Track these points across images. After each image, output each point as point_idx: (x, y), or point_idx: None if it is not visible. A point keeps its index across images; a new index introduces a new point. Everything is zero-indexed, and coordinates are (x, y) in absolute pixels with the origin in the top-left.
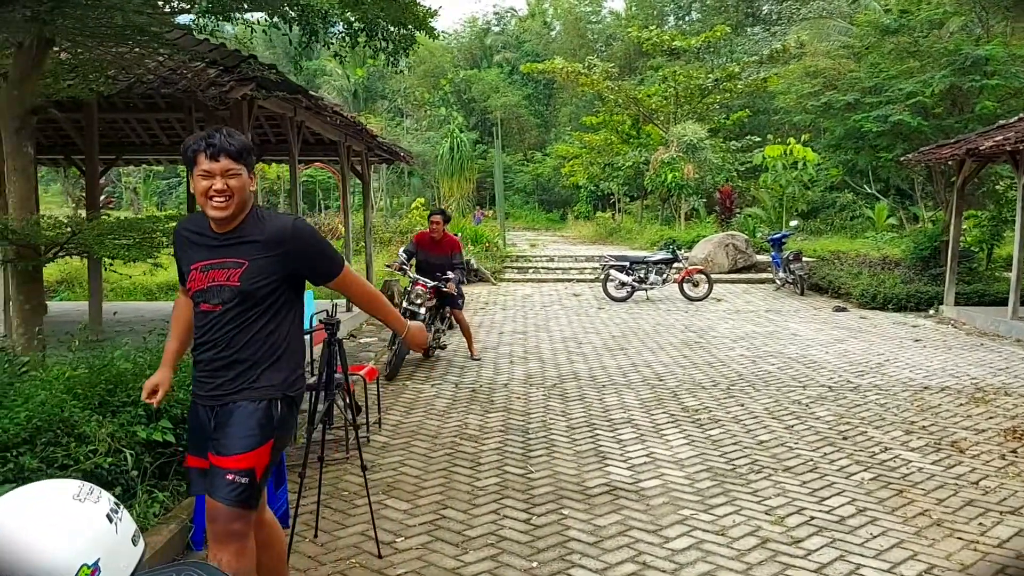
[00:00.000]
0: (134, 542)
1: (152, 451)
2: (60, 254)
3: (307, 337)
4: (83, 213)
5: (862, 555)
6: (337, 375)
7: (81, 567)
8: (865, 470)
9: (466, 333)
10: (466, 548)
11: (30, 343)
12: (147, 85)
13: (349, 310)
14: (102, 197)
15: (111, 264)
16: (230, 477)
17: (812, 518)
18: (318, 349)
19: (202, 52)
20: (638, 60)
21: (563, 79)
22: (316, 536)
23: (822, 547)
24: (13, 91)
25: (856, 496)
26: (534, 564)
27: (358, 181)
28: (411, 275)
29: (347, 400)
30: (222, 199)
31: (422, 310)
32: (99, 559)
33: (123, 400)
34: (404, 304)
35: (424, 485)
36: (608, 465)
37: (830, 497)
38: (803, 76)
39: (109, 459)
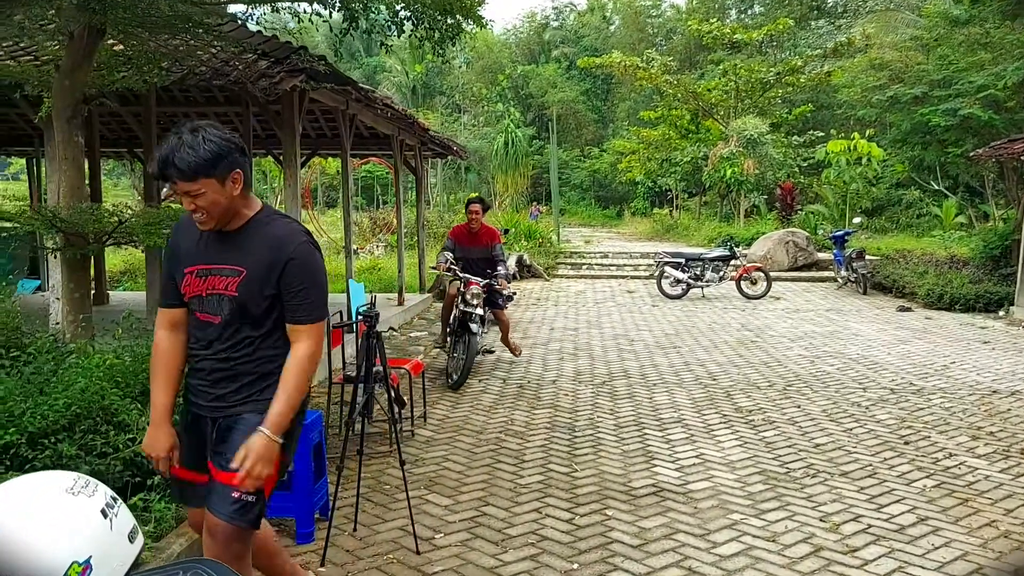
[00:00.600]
0: (131, 538)
1: None
2: (107, 243)
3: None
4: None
5: (923, 567)
6: (380, 368)
7: (71, 565)
8: (927, 477)
9: (504, 331)
10: (505, 547)
11: (78, 331)
12: (199, 77)
13: (400, 304)
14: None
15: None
16: (236, 495)
17: (869, 526)
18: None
19: (254, 44)
20: (698, 54)
21: (621, 73)
22: (355, 530)
23: (879, 557)
24: (64, 80)
25: (917, 504)
26: (574, 566)
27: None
28: (461, 275)
29: (390, 394)
30: (200, 215)
31: (479, 310)
32: (91, 556)
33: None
34: (460, 307)
35: (466, 481)
36: (656, 465)
37: (889, 504)
38: (869, 69)
39: None
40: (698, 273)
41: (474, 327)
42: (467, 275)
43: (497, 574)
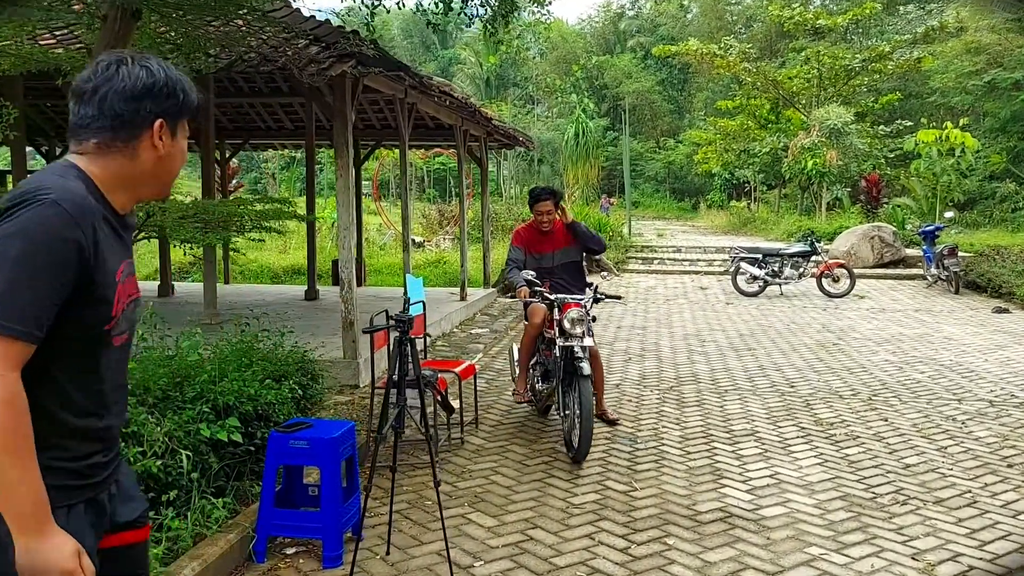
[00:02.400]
0: None
1: (218, 452)
2: (140, 236)
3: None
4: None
5: None
6: (427, 372)
7: None
8: None
9: (598, 378)
10: None
11: None
12: (247, 63)
13: (463, 299)
14: (233, 182)
15: (237, 247)
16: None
17: (971, 568)
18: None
19: (306, 29)
20: (779, 42)
21: (697, 62)
22: (388, 553)
23: None
24: None
25: None
26: None
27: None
28: (552, 296)
29: (423, 404)
30: None
31: (589, 340)
32: None
33: (190, 395)
34: (560, 341)
35: (514, 498)
36: (724, 486)
37: (993, 541)
38: (963, 54)
39: (160, 461)
40: (776, 269)
41: (585, 367)
42: (561, 295)
43: None
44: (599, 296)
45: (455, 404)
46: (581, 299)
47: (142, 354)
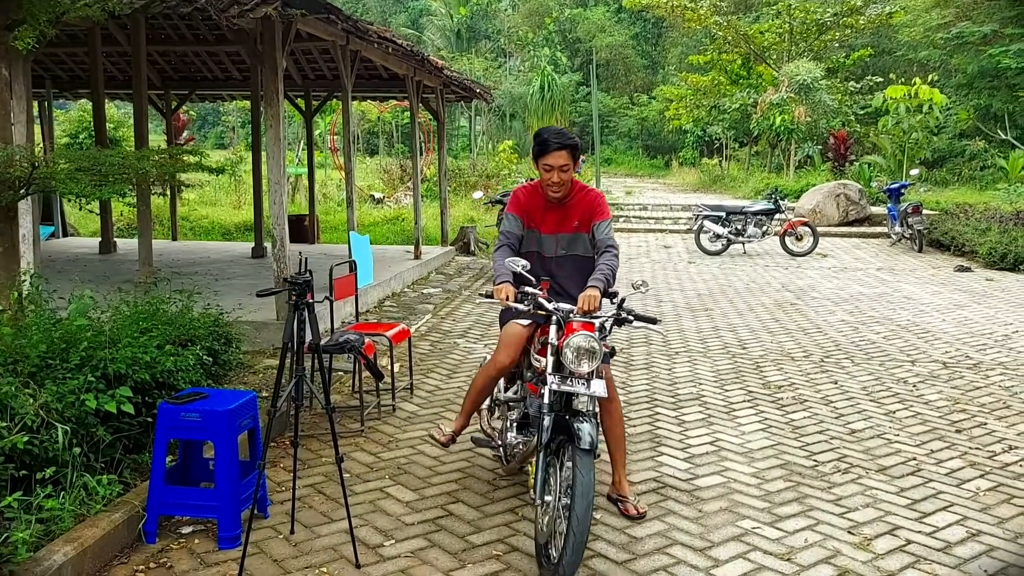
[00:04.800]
0: None
1: (110, 424)
2: (28, 191)
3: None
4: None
5: None
6: (353, 336)
7: None
8: (982, 476)
9: (615, 445)
10: (464, 560)
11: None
12: (164, 4)
13: (417, 257)
14: (184, 134)
15: (182, 197)
16: None
17: (908, 542)
18: (339, 305)
19: None
20: None
21: (668, 15)
22: (292, 532)
23: None
24: None
25: (969, 513)
26: None
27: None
28: (549, 307)
29: (363, 363)
30: None
31: (599, 385)
32: None
33: (75, 363)
34: (551, 382)
35: (440, 470)
36: (662, 455)
37: (935, 513)
38: (932, 8)
39: (28, 436)
40: (739, 228)
41: (585, 432)
42: (562, 305)
43: None
44: (626, 315)
45: (385, 370)
46: (598, 318)
47: (27, 319)
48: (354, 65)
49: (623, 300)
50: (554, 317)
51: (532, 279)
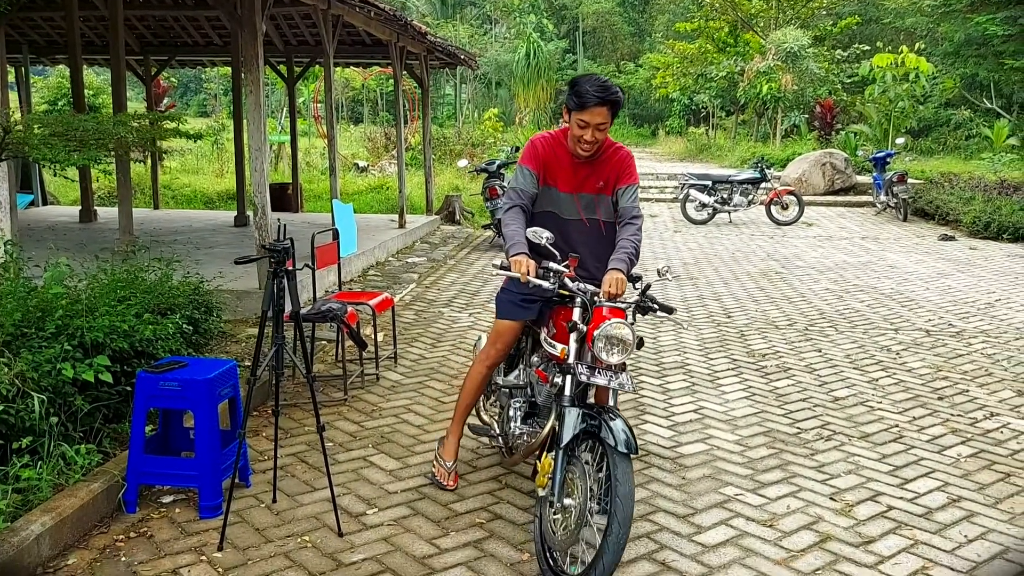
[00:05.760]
0: None
1: (88, 393)
2: (2, 156)
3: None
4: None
5: (951, 567)
6: (335, 304)
7: None
8: (963, 443)
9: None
10: (447, 528)
11: None
12: None
13: (401, 227)
14: (165, 101)
15: (163, 165)
16: None
17: (890, 508)
18: (323, 274)
19: None
20: None
21: None
22: (274, 501)
23: (898, 553)
24: None
25: (950, 479)
26: (524, 556)
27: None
28: (572, 285)
29: (350, 332)
30: None
31: (626, 379)
32: None
33: (51, 332)
34: (580, 371)
35: (423, 439)
36: (646, 423)
37: (916, 479)
38: None
39: (2, 406)
40: (725, 197)
41: (620, 431)
42: (582, 284)
43: (427, 567)
44: (648, 303)
45: (368, 339)
46: (627, 304)
47: (1, 287)
48: (336, 30)
49: (648, 287)
50: (578, 299)
51: (556, 253)
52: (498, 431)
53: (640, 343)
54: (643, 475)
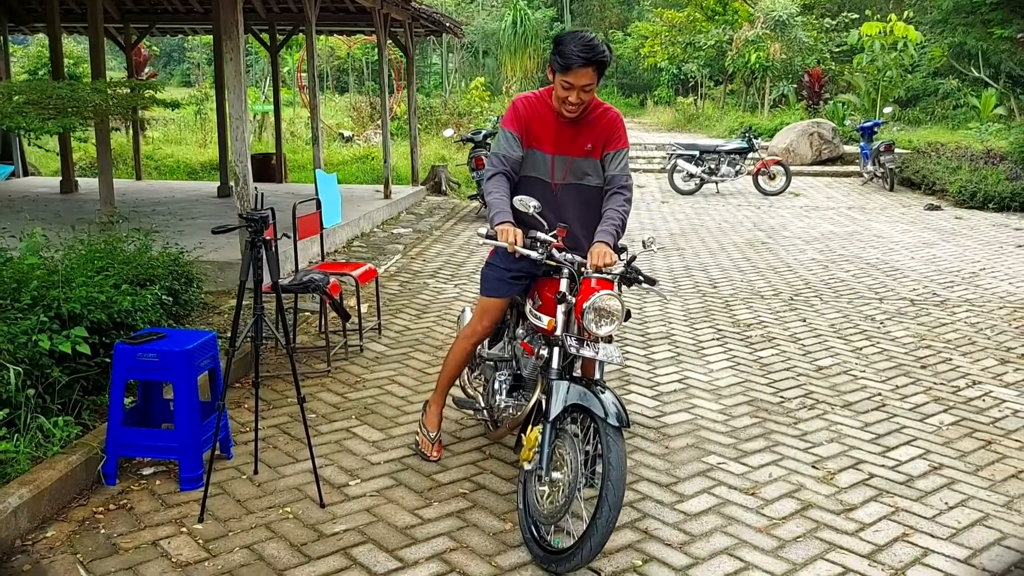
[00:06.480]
0: None
1: (66, 365)
2: None
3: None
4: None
5: (932, 534)
6: (317, 275)
7: None
8: (945, 411)
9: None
10: (430, 499)
11: None
12: None
13: (387, 197)
14: (147, 70)
15: (146, 136)
16: None
17: (871, 476)
18: (306, 245)
19: None
20: None
21: None
22: (256, 472)
23: (879, 520)
24: None
25: (931, 447)
26: (507, 526)
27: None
28: (559, 256)
29: (332, 303)
30: None
31: (615, 351)
32: None
33: (26, 303)
34: (569, 344)
35: (407, 409)
36: (631, 393)
37: (897, 447)
38: None
39: None
40: (713, 167)
41: (610, 404)
42: (569, 255)
43: (410, 537)
44: (634, 274)
45: (352, 310)
46: (612, 273)
47: None
48: None
49: (633, 258)
50: (566, 271)
51: (543, 222)
52: (483, 404)
53: (627, 315)
54: (627, 444)
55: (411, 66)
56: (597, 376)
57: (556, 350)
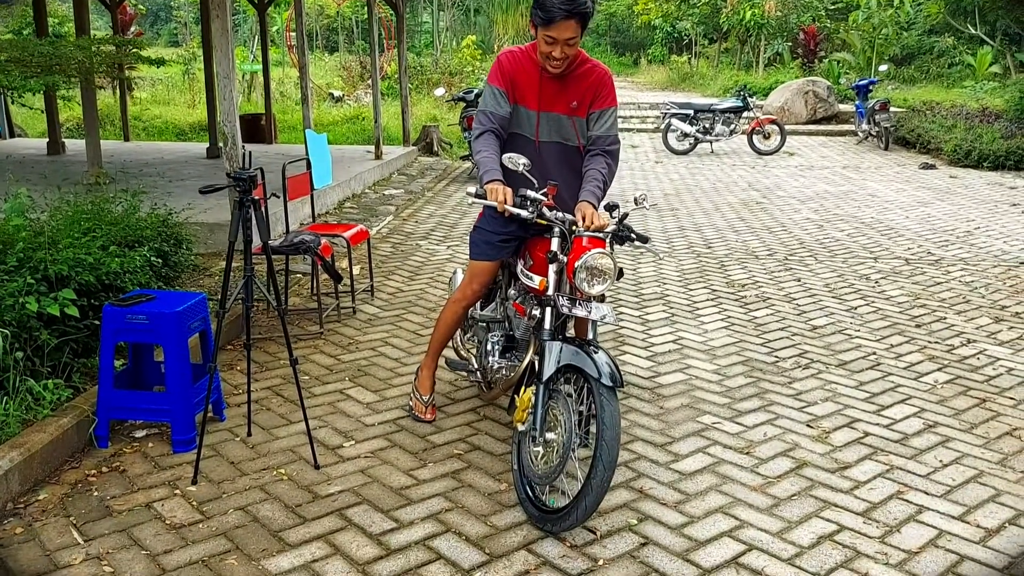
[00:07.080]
0: None
1: (55, 327)
2: None
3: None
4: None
5: (926, 491)
6: (308, 236)
7: None
8: (940, 369)
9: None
10: (425, 459)
11: None
12: None
13: (378, 158)
14: (132, 29)
15: (133, 96)
16: None
17: (865, 435)
18: (297, 206)
19: None
20: None
21: None
22: (249, 434)
23: (873, 478)
24: None
25: (925, 405)
26: (502, 486)
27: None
28: (549, 215)
29: (323, 264)
30: None
31: (607, 310)
32: None
33: (12, 264)
34: (561, 304)
35: (401, 371)
36: (625, 353)
37: (892, 406)
38: None
39: None
40: (707, 126)
41: (603, 363)
42: (560, 213)
43: (405, 498)
44: (626, 232)
45: (343, 272)
46: (605, 231)
47: None
48: None
49: (625, 215)
50: (556, 229)
51: (534, 180)
52: (476, 366)
53: (620, 273)
54: (622, 405)
55: (401, 24)
56: (590, 336)
57: (548, 310)
